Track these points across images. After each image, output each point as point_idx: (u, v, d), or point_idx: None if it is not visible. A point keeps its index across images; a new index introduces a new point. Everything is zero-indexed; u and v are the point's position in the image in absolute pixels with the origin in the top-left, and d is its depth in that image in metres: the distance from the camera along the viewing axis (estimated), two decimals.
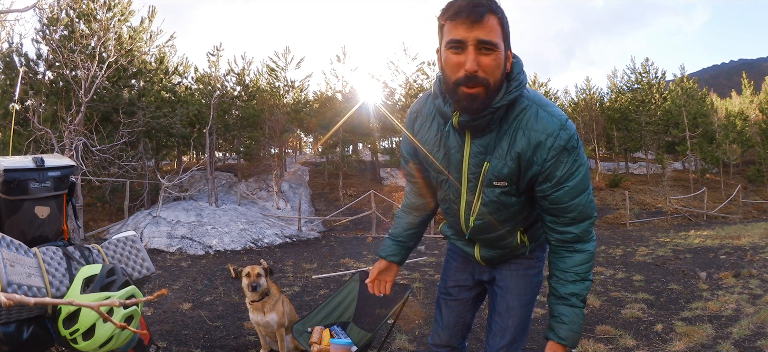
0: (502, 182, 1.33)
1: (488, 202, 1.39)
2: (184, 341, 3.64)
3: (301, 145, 34.47)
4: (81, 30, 12.88)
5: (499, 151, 1.30)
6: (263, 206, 16.61)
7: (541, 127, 1.26)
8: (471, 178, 1.37)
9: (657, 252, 8.12)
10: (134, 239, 2.35)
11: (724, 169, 25.71)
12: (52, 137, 9.81)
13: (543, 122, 1.26)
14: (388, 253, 1.73)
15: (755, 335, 3.29)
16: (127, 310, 1.82)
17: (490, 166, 1.32)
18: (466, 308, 1.76)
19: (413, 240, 1.76)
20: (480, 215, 1.43)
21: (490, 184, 1.35)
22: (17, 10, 10.63)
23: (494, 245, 1.56)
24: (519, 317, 1.58)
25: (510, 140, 1.29)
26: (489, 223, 1.45)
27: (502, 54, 1.19)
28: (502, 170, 1.31)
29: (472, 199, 1.41)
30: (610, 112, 27.63)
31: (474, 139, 1.32)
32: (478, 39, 1.15)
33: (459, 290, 1.75)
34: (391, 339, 3.51)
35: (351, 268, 7.28)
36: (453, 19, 1.17)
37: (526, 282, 1.60)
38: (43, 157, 2.18)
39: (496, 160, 1.31)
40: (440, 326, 1.78)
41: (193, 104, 17.48)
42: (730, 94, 37.02)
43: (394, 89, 22.75)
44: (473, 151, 1.33)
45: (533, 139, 1.26)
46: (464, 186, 1.40)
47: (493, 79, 1.19)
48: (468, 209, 1.45)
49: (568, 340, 1.36)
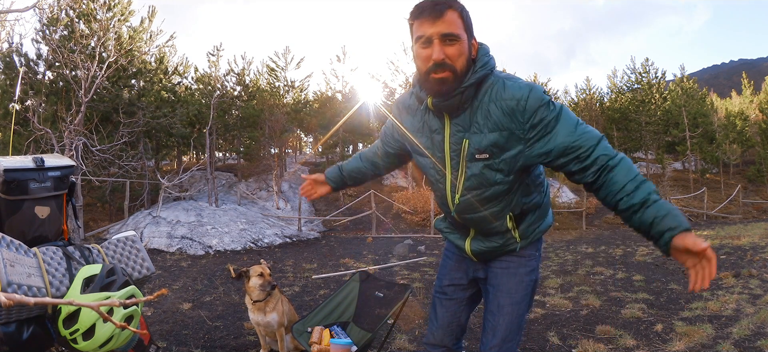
0: (483, 154, 1.42)
1: (471, 175, 1.47)
2: (184, 341, 3.64)
3: (301, 145, 34.46)
4: (81, 30, 12.87)
5: (475, 126, 1.42)
6: (263, 206, 16.61)
7: (509, 95, 1.37)
8: (453, 155, 1.48)
9: (657, 252, 8.12)
10: (134, 239, 2.35)
11: (724, 169, 25.72)
12: (52, 137, 9.80)
13: (510, 91, 1.37)
14: (330, 176, 2.00)
15: (755, 335, 3.29)
16: (127, 310, 1.82)
17: (470, 142, 1.43)
18: (460, 307, 1.77)
19: (352, 182, 1.99)
20: (465, 189, 1.50)
21: (472, 158, 1.44)
22: (17, 10, 10.64)
23: (483, 232, 1.59)
24: (510, 315, 1.59)
25: (484, 114, 1.40)
26: (474, 199, 1.51)
27: (465, 43, 1.35)
28: (482, 142, 1.41)
29: (455, 176, 1.50)
30: (610, 112, 27.64)
31: (452, 120, 1.45)
32: (441, 33, 1.32)
33: (454, 289, 1.77)
34: (391, 339, 3.51)
35: (351, 268, 7.28)
36: (418, 17, 1.35)
37: (517, 281, 1.61)
38: (43, 157, 2.18)
39: (475, 135, 1.42)
40: (435, 325, 1.79)
41: (193, 104, 17.48)
42: (730, 94, 37.02)
43: (394, 89, 22.72)
44: (452, 130, 1.45)
45: (506, 108, 1.37)
46: (448, 164, 1.50)
47: (459, 65, 1.35)
48: (453, 187, 1.53)
49: (683, 225, 1.23)
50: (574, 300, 4.75)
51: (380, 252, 9.24)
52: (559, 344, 3.44)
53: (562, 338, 3.57)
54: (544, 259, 8.22)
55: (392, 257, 8.42)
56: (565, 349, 3.36)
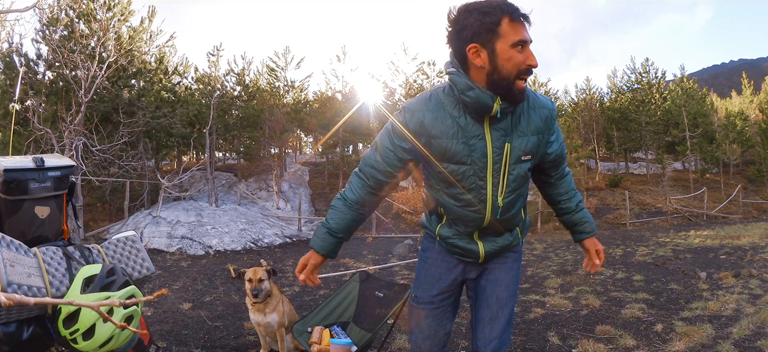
0: (528, 155, 1.51)
1: (515, 177, 1.53)
2: (184, 341, 3.64)
3: (301, 145, 34.47)
4: (81, 30, 12.88)
5: (519, 131, 1.48)
6: (263, 206, 16.61)
7: (542, 104, 1.52)
8: (496, 159, 1.48)
9: (657, 252, 8.12)
10: (134, 239, 2.35)
11: (724, 169, 25.71)
12: (52, 137, 9.81)
13: (541, 100, 1.53)
14: (326, 249, 1.66)
15: (755, 335, 3.29)
16: (127, 310, 1.82)
17: (513, 145, 1.48)
18: (446, 315, 1.73)
19: (350, 233, 1.70)
20: (508, 192, 1.55)
21: (518, 160, 1.50)
22: (17, 10, 10.64)
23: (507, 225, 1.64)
24: (508, 307, 1.67)
25: (527, 119, 1.49)
26: (514, 199, 1.58)
27: None
28: (527, 145, 1.50)
29: (497, 180, 1.52)
30: (610, 112, 27.64)
31: (492, 125, 1.45)
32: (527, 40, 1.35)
33: (442, 297, 1.71)
34: (391, 339, 3.51)
35: (351, 268, 7.28)
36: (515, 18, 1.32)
37: (513, 274, 1.71)
38: (43, 157, 2.18)
39: (519, 139, 1.48)
40: (420, 336, 1.72)
41: (193, 104, 17.48)
42: (730, 94, 37.02)
43: (394, 89, 22.76)
44: (494, 135, 1.46)
45: (543, 115, 1.51)
46: (490, 169, 1.49)
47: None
48: (495, 190, 1.52)
49: (594, 231, 1.78)
50: (574, 300, 4.75)
51: (380, 252, 9.24)
52: (559, 344, 3.44)
53: (562, 338, 3.57)
54: (544, 259, 8.22)
55: (392, 257, 8.43)
56: (565, 349, 3.36)
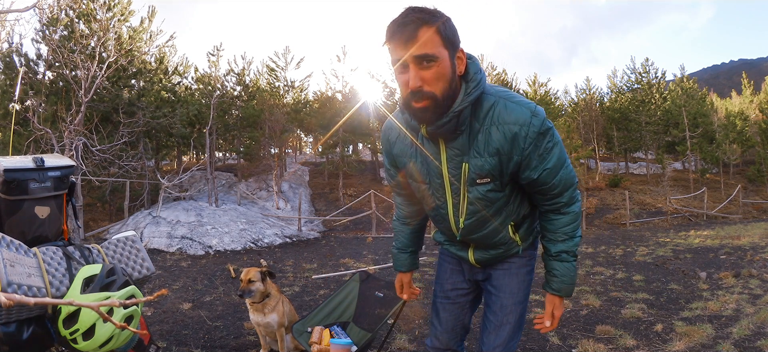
0: (485, 178, 1.36)
1: (474, 199, 1.41)
2: (184, 341, 3.64)
3: (301, 145, 34.47)
4: (81, 30, 12.88)
5: (475, 150, 1.33)
6: (263, 206, 16.61)
7: (513, 119, 1.28)
8: (453, 181, 1.40)
9: (657, 252, 8.12)
10: (134, 239, 2.35)
11: (724, 169, 25.70)
12: (52, 137, 9.81)
13: (514, 114, 1.28)
14: (405, 267, 1.84)
15: (755, 335, 3.29)
16: (127, 310, 1.82)
17: (470, 166, 1.35)
18: (464, 311, 1.76)
19: (418, 244, 1.85)
20: (469, 214, 1.46)
21: (473, 183, 1.38)
22: (17, 10, 10.64)
23: (487, 245, 1.57)
24: (513, 314, 1.61)
25: (485, 137, 1.31)
26: (479, 220, 1.47)
27: (444, 63, 1.20)
28: (483, 167, 1.34)
29: (457, 201, 1.44)
30: (610, 112, 27.62)
31: (448, 144, 1.35)
32: (415, 55, 1.17)
33: (457, 292, 1.75)
34: (391, 339, 3.51)
35: (351, 268, 7.28)
36: (390, 40, 1.20)
37: (518, 281, 1.62)
38: (43, 157, 2.18)
39: (475, 159, 1.34)
40: (439, 329, 1.77)
41: (193, 104, 17.48)
42: (730, 94, 37.00)
43: (394, 89, 22.72)
44: (449, 155, 1.36)
45: (508, 133, 1.29)
46: (448, 190, 1.43)
47: (439, 90, 1.21)
48: (455, 211, 1.47)
49: (560, 291, 1.51)
50: (574, 300, 4.75)
51: (380, 252, 9.23)
52: (559, 344, 3.44)
53: (562, 338, 3.57)
54: None
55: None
56: (565, 349, 3.36)
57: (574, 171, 1.45)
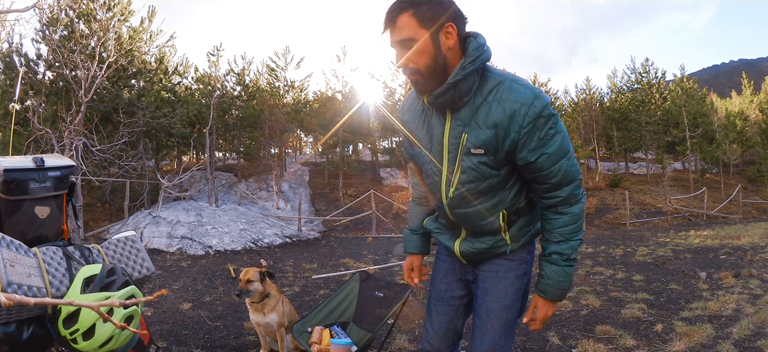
0: (479, 148, 1.42)
1: (467, 169, 1.46)
2: (184, 341, 3.64)
3: (301, 145, 34.46)
4: (81, 30, 12.87)
5: (475, 122, 1.41)
6: (263, 206, 16.61)
7: (514, 97, 1.35)
8: (451, 148, 1.47)
9: (657, 252, 8.12)
10: (134, 239, 2.35)
11: (724, 169, 25.70)
12: (52, 137, 9.80)
13: (517, 93, 1.36)
14: (414, 248, 1.85)
15: (755, 335, 3.29)
16: (127, 310, 1.82)
17: (469, 136, 1.42)
18: (457, 314, 1.75)
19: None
20: (460, 182, 1.49)
21: (468, 152, 1.43)
22: (17, 10, 10.64)
23: (475, 231, 1.57)
24: (498, 320, 1.58)
25: (486, 111, 1.39)
26: (469, 193, 1.50)
27: (425, 41, 1.34)
28: (479, 138, 1.40)
29: (452, 169, 1.50)
30: (610, 112, 27.61)
31: (453, 115, 1.45)
32: (397, 41, 1.37)
33: (451, 294, 1.75)
34: (391, 339, 3.51)
35: (351, 268, 7.28)
36: (383, 30, 1.41)
37: (505, 284, 1.59)
38: (43, 157, 2.18)
39: (474, 130, 1.41)
40: (431, 332, 1.76)
41: (193, 104, 17.47)
42: (730, 94, 37.00)
43: (394, 89, 22.73)
44: (452, 124, 1.45)
45: (508, 109, 1.36)
46: (445, 157, 1.50)
47: (422, 65, 1.36)
48: (448, 180, 1.52)
49: (547, 294, 1.51)
50: (574, 300, 4.75)
51: (380, 252, 9.23)
52: (559, 344, 3.44)
53: (562, 338, 3.57)
54: None
55: (392, 257, 8.42)
56: (565, 349, 3.36)
57: (578, 166, 1.44)
